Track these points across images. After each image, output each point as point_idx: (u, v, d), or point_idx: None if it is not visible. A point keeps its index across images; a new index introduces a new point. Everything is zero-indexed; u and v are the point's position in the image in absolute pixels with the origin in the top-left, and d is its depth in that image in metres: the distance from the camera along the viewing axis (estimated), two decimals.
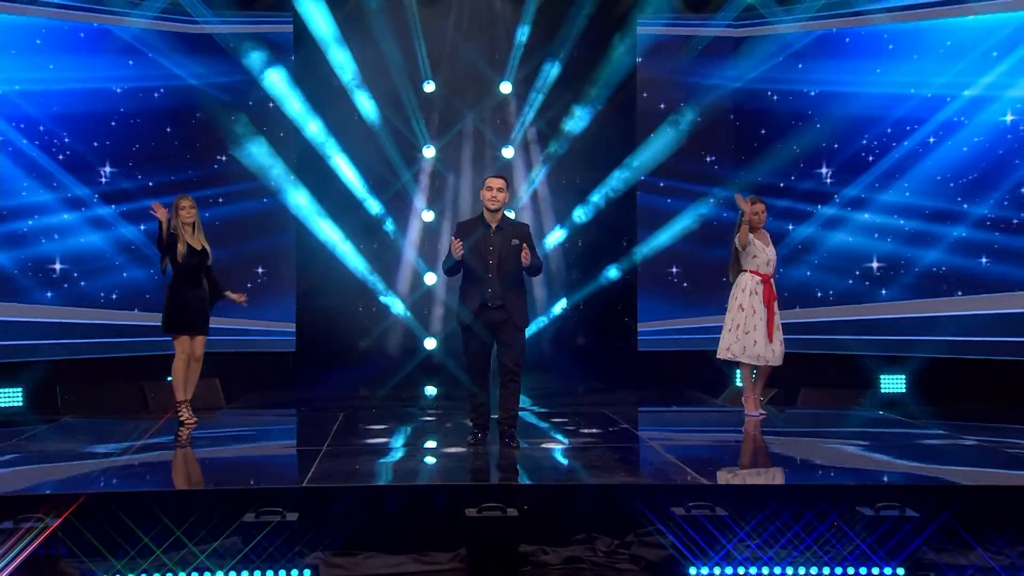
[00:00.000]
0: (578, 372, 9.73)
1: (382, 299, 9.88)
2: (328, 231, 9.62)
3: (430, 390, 9.24)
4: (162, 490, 5.07)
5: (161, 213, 6.49)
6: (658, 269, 9.85)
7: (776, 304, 6.96)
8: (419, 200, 9.95)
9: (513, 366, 5.86)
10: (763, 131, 9.40)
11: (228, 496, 4.82)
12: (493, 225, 5.90)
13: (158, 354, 8.36)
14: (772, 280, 6.97)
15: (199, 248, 6.74)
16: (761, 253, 6.94)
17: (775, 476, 5.60)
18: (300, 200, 9.50)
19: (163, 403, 7.91)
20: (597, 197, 9.89)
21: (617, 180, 9.81)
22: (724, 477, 5.42)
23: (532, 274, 5.97)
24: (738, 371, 7.48)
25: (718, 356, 7.03)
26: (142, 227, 8.73)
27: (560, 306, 10.09)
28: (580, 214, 9.96)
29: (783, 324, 7.06)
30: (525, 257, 5.64)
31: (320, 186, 9.54)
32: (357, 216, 9.72)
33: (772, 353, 6.89)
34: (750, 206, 6.76)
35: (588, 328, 10.18)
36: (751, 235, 6.94)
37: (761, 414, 7.05)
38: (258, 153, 9.20)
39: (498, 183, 5.87)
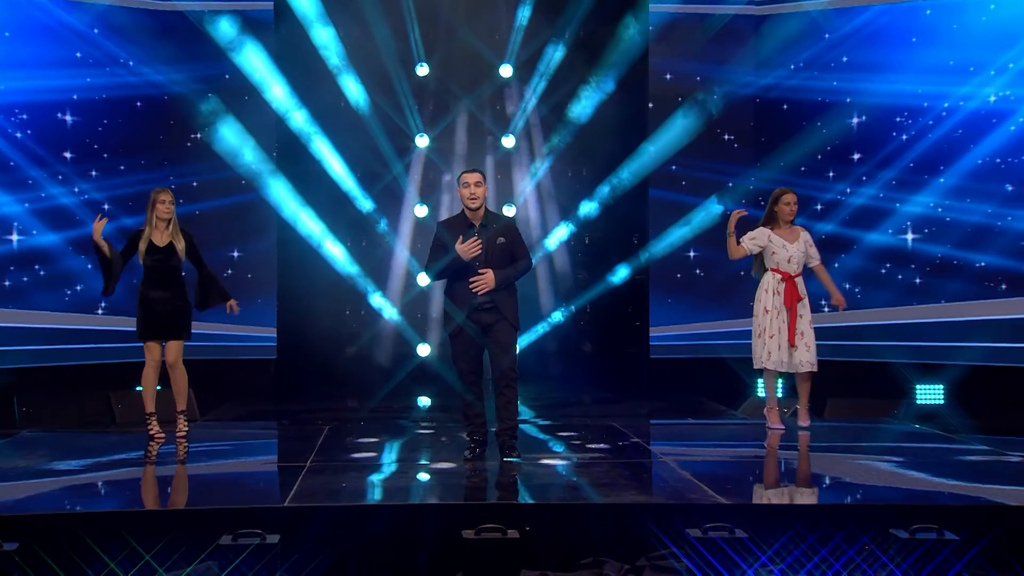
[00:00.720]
0: (585, 381, 9.74)
1: (371, 301, 9.89)
2: (312, 227, 9.62)
3: (423, 401, 9.29)
4: (129, 510, 5.02)
5: (97, 232, 6.44)
6: (672, 269, 9.88)
7: (804, 305, 6.98)
8: (411, 194, 9.96)
9: (508, 370, 5.90)
10: (787, 118, 9.45)
11: (202, 517, 4.79)
12: (477, 223, 5.96)
13: (127, 361, 8.35)
14: (797, 279, 6.99)
15: (163, 245, 6.73)
16: (781, 250, 6.98)
17: (800, 495, 5.58)
18: (281, 193, 9.51)
19: (132, 415, 7.95)
20: (605, 190, 9.90)
21: (627, 172, 9.82)
22: (744, 496, 5.41)
23: (514, 279, 5.97)
24: (760, 379, 7.48)
25: (756, 367, 7.09)
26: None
27: (565, 309, 10.10)
28: (587, 209, 9.97)
29: (816, 328, 7.08)
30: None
31: (303, 178, 9.53)
32: (344, 211, 9.72)
33: (796, 359, 6.93)
34: (735, 218, 6.83)
35: (596, 333, 10.18)
36: (768, 231, 7.00)
37: (807, 427, 7.04)
38: (233, 140, 9.22)
39: (474, 178, 5.89)
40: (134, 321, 6.83)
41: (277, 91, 9.32)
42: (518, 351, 6.12)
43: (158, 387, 6.88)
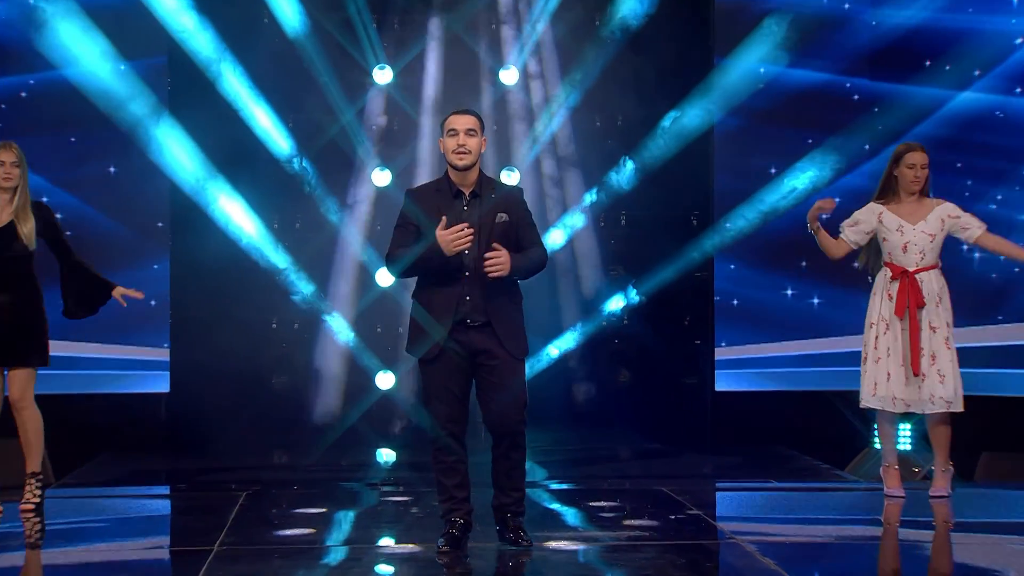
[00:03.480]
0: (621, 426, 9.88)
1: (309, 310, 9.95)
2: (222, 202, 9.69)
3: (385, 455, 9.40)
4: None
5: None
6: (747, 263, 9.93)
7: (937, 313, 7.03)
8: (368, 153, 10.06)
9: (512, 419, 5.94)
10: (911, 47, 9.67)
11: None
12: (466, 191, 5.99)
13: None
14: (923, 275, 7.06)
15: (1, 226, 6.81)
16: (894, 234, 7.08)
17: None
18: (178, 153, 9.56)
19: None
20: (650, 148, 9.93)
21: (681, 122, 9.88)
22: None
23: (527, 273, 6.04)
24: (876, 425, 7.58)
25: (861, 405, 7.25)
26: None
27: (590, 322, 10.15)
28: (622, 177, 10.05)
29: (958, 348, 7.16)
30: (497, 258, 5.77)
31: (207, 130, 9.61)
32: (269, 178, 9.82)
33: (923, 394, 6.98)
34: (816, 212, 7.03)
35: (636, 356, 10.24)
36: (880, 207, 7.14)
37: (945, 495, 7.12)
38: (105, 75, 9.29)
39: (465, 122, 5.93)
40: None
41: (170, 2, 9.46)
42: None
43: None
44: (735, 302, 9.98)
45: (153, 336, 9.60)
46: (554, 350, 10.06)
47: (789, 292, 9.93)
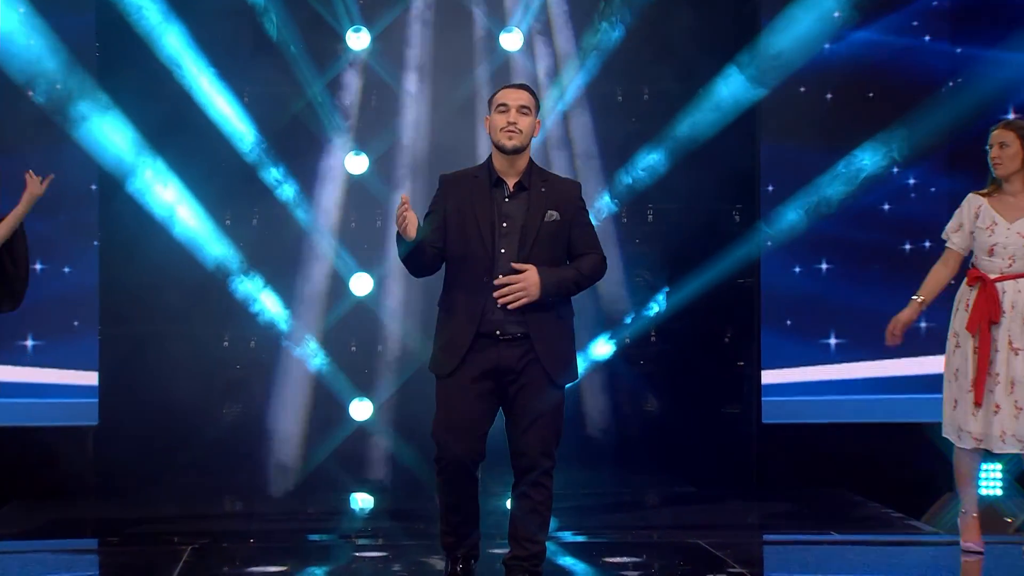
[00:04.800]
0: (648, 465, 9.87)
1: (268, 324, 9.93)
2: (163, 194, 9.70)
3: (361, 500, 9.44)
4: None
5: None
6: (802, 267, 9.94)
7: (1017, 330, 7.05)
8: (340, 135, 10.04)
9: (540, 456, 6.05)
10: (1004, 2, 9.80)
11: None
12: (510, 182, 6.11)
13: None
14: (1006, 283, 7.07)
15: None
16: (982, 233, 7.12)
17: None
18: (107, 133, 9.57)
19: None
20: (682, 129, 9.93)
21: (719, 98, 9.89)
22: None
23: (575, 288, 6.16)
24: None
25: (945, 434, 7.31)
26: None
27: (612, 338, 10.14)
28: (649, 162, 10.02)
29: None
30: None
31: (146, 105, 9.61)
32: (219, 165, 9.83)
33: (995, 429, 6.98)
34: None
35: (666, 380, 10.25)
36: (980, 199, 7.15)
37: None
38: (17, 35, 9.35)
39: (519, 97, 6.06)
40: None
41: None
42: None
43: None
44: (787, 316, 9.98)
45: (77, 356, 9.61)
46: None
47: (855, 302, 9.88)
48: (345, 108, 10.06)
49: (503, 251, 6.00)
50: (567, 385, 6.13)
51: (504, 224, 6.03)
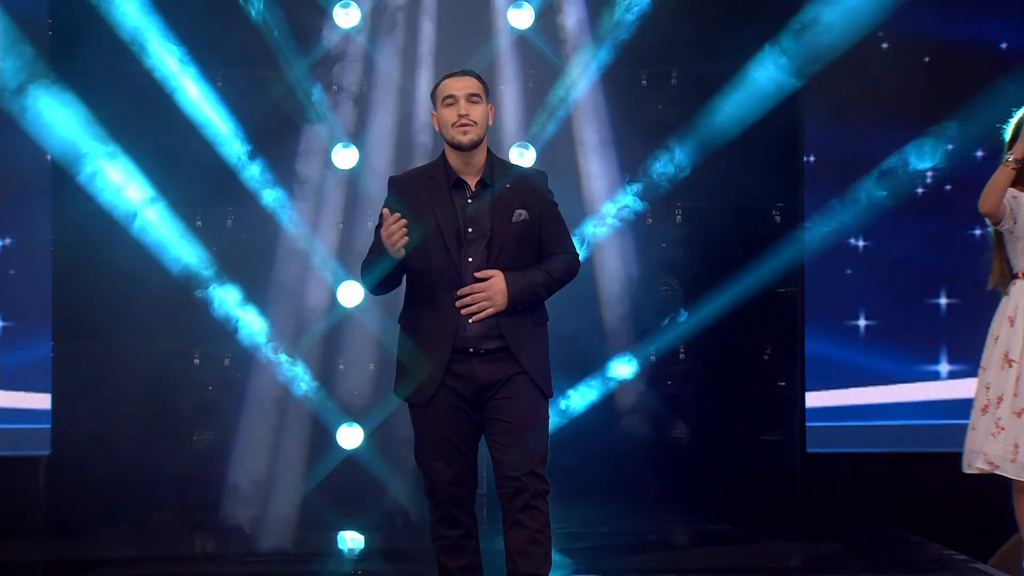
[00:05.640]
0: (676, 500, 9.89)
1: (244, 337, 9.91)
2: (125, 192, 9.67)
3: (350, 539, 9.45)
4: None
5: None
6: (851, 275, 10.00)
7: None
8: (326, 124, 10.03)
9: (530, 476, 6.01)
10: None
11: None
12: (471, 180, 6.13)
13: None
14: None
15: None
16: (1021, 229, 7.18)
17: None
18: (61, 123, 9.56)
19: None
20: (715, 118, 9.91)
21: (758, 81, 9.87)
22: None
23: (544, 293, 6.19)
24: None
25: (965, 469, 7.37)
26: None
27: (634, 356, 10.15)
28: (677, 155, 10.01)
29: None
30: None
31: (105, 91, 9.64)
32: (188, 160, 9.85)
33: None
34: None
35: (696, 404, 10.28)
36: (1019, 192, 7.19)
37: None
38: None
39: (465, 85, 6.09)
40: None
41: None
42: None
43: None
44: (834, 330, 9.98)
45: (27, 377, 9.67)
46: (581, 396, 10.05)
47: (910, 315, 9.99)
48: (333, 93, 10.04)
49: (470, 260, 6.01)
50: (548, 393, 6.12)
51: (470, 230, 6.02)
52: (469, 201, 6.05)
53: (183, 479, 9.80)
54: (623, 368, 10.12)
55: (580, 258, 6.24)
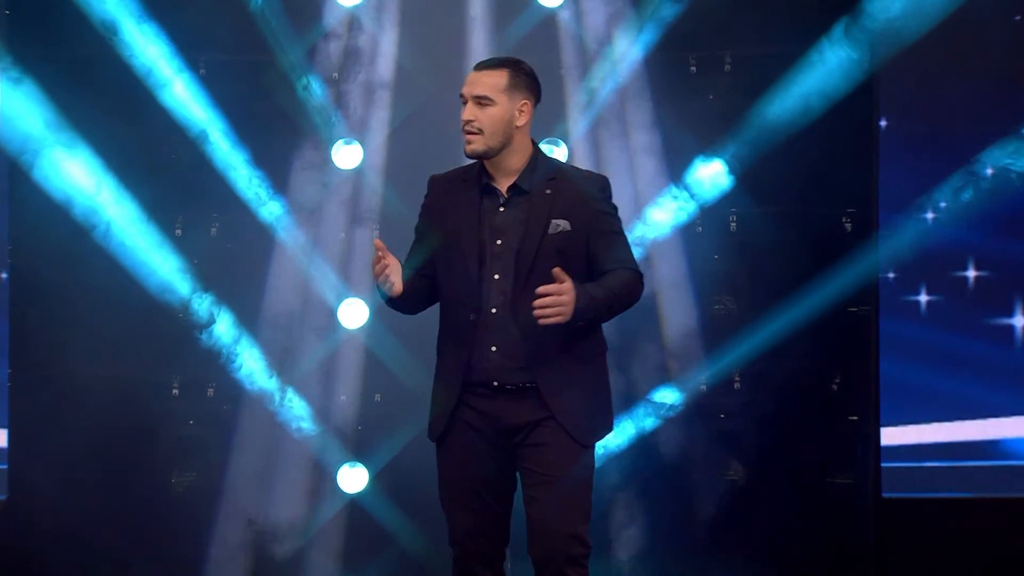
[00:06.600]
0: (733, 551, 9.51)
1: (231, 367, 9.64)
2: (94, 195, 9.37)
3: None
4: None
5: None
6: (935, 291, 9.83)
7: None
8: (325, 118, 9.70)
9: (563, 539, 5.91)
10: None
11: None
12: (503, 185, 6.03)
13: None
14: None
15: None
16: None
17: None
18: (20, 118, 9.30)
19: None
20: (775, 111, 9.54)
21: (825, 68, 9.48)
22: None
23: (606, 313, 6.02)
24: None
25: None
26: None
27: (681, 388, 9.78)
28: (731, 154, 9.67)
29: None
30: (560, 276, 5.78)
31: (71, 81, 9.42)
32: (170, 157, 9.60)
33: None
34: None
35: (754, 442, 9.80)
36: None
37: None
38: None
39: (476, 84, 5.99)
40: None
41: None
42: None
43: None
44: (914, 355, 9.68)
45: None
46: (619, 433, 9.74)
47: (1004, 336, 9.80)
48: (332, 82, 9.76)
49: (496, 276, 5.96)
50: (597, 442, 6.03)
51: (498, 242, 5.95)
52: (500, 209, 5.97)
53: (160, 528, 9.53)
54: (668, 399, 9.78)
55: (643, 278, 6.02)
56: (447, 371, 6.05)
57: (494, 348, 5.90)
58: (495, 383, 5.92)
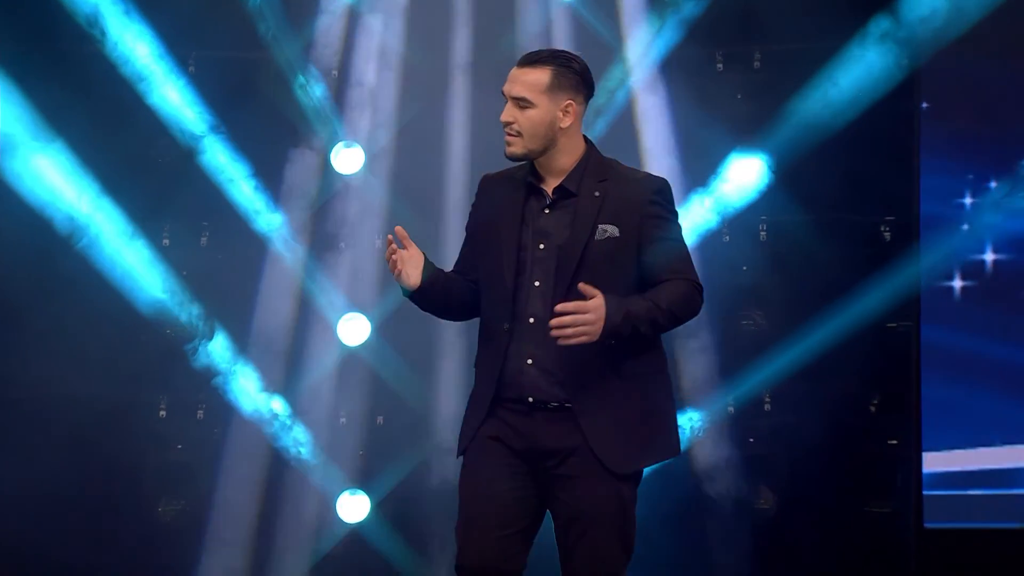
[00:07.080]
0: None
1: (223, 387, 9.57)
2: (75, 201, 9.27)
3: None
4: None
5: None
6: (981, 307, 9.64)
7: None
8: (324, 120, 9.70)
9: None
10: None
11: None
12: (550, 186, 5.86)
13: None
14: None
15: None
16: None
17: None
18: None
19: None
20: (809, 113, 9.46)
21: (862, 66, 9.38)
22: None
23: (663, 324, 5.72)
24: None
25: None
26: None
27: (707, 411, 9.75)
28: (761, 159, 9.64)
29: None
30: (587, 292, 5.58)
31: (53, 77, 9.33)
32: (156, 161, 9.56)
33: None
34: None
35: (787, 467, 9.79)
36: None
37: None
38: None
39: (514, 83, 5.79)
40: None
41: None
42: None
43: None
44: (959, 374, 9.48)
45: None
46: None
47: None
48: (332, 80, 9.71)
49: (537, 284, 5.75)
50: (634, 472, 5.73)
51: (541, 246, 5.74)
52: (545, 211, 5.75)
53: (146, 562, 9.44)
54: (693, 422, 9.66)
55: (703, 290, 5.74)
56: (480, 383, 5.89)
57: (529, 361, 5.66)
58: (530, 399, 5.69)
